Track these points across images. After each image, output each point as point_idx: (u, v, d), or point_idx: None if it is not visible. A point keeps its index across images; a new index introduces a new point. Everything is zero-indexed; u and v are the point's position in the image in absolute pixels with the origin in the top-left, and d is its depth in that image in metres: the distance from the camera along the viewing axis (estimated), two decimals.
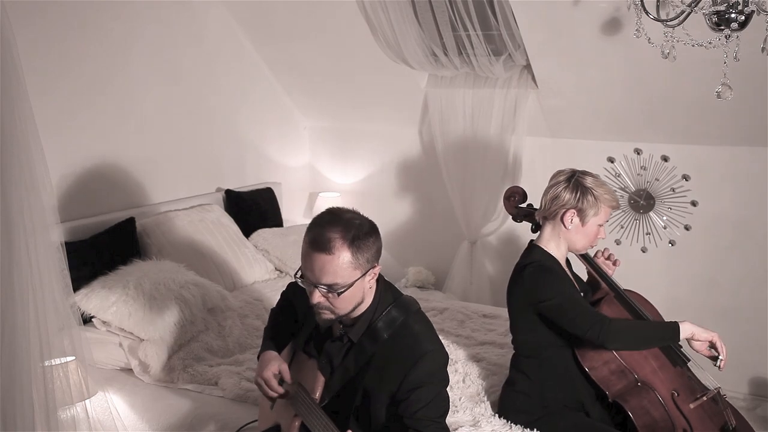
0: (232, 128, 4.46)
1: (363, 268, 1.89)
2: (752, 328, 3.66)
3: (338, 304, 1.90)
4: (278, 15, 4.23)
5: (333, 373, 2.01)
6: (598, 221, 2.43)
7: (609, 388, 2.36)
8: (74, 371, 2.40)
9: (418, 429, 1.87)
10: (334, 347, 2.02)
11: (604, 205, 2.42)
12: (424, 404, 1.88)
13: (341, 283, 1.86)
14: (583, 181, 2.42)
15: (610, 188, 2.47)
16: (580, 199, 2.40)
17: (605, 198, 2.41)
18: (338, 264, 1.84)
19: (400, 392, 1.90)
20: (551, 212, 2.45)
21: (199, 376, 2.93)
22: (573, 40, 3.50)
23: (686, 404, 2.34)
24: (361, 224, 1.91)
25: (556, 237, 2.47)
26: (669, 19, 2.33)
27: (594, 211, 2.41)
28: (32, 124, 2.03)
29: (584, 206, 2.40)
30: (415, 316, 2.01)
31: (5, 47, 1.94)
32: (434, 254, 4.64)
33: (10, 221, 1.96)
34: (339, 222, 1.88)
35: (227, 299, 3.36)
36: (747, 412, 2.60)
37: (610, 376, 2.35)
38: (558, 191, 2.44)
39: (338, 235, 1.85)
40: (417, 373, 1.89)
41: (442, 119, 4.32)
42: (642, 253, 3.99)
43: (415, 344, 1.93)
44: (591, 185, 2.41)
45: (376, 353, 1.95)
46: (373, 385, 1.94)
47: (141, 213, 3.70)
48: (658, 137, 3.81)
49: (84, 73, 3.54)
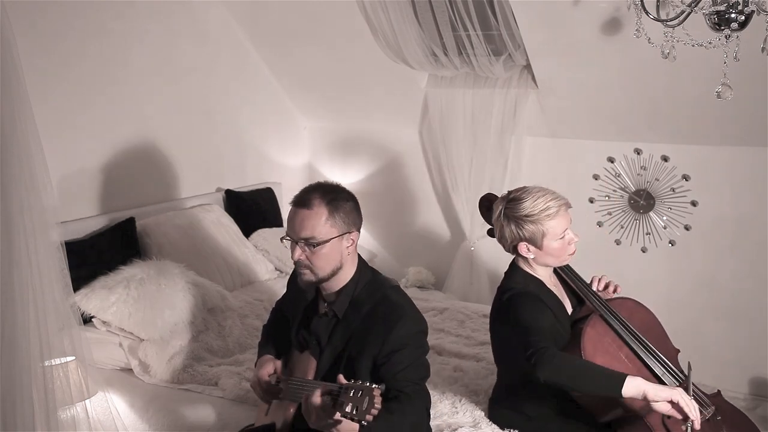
0: (232, 128, 4.46)
1: (339, 228, 2.06)
2: (752, 328, 3.66)
3: (316, 261, 2.05)
4: (278, 15, 4.23)
5: (322, 353, 2.12)
6: (555, 236, 2.29)
7: (597, 415, 2.28)
8: (74, 371, 2.41)
9: (400, 390, 1.95)
10: (320, 324, 2.14)
11: (547, 221, 2.26)
12: (404, 366, 1.99)
13: (318, 237, 2.03)
14: (513, 213, 2.29)
15: (548, 196, 2.29)
16: (520, 232, 2.29)
17: (545, 215, 2.26)
18: (316, 219, 2.04)
19: (380, 355, 2.00)
20: (509, 248, 2.38)
21: (199, 376, 2.93)
22: (573, 40, 3.50)
23: (678, 427, 2.15)
24: (341, 191, 2.12)
25: (529, 264, 2.38)
26: (669, 19, 2.33)
27: (540, 233, 2.27)
28: (32, 124, 2.03)
29: (529, 235, 2.28)
30: (393, 289, 2.16)
31: (5, 47, 1.94)
32: (434, 254, 4.64)
33: (10, 221, 1.97)
34: (320, 187, 2.11)
35: (227, 299, 3.36)
36: (747, 412, 2.58)
37: (598, 404, 2.26)
38: (500, 231, 2.35)
39: (318, 195, 2.07)
40: (396, 335, 2.00)
41: (442, 119, 4.32)
42: (642, 253, 3.99)
43: (393, 310, 2.07)
44: (522, 212, 2.27)
45: (359, 325, 2.07)
46: (356, 351, 2.05)
47: (141, 213, 3.70)
48: (658, 137, 3.81)
49: (84, 73, 3.54)
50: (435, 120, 4.35)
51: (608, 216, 4.02)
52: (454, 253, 4.46)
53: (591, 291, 2.44)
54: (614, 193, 4.01)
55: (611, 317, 2.35)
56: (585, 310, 2.43)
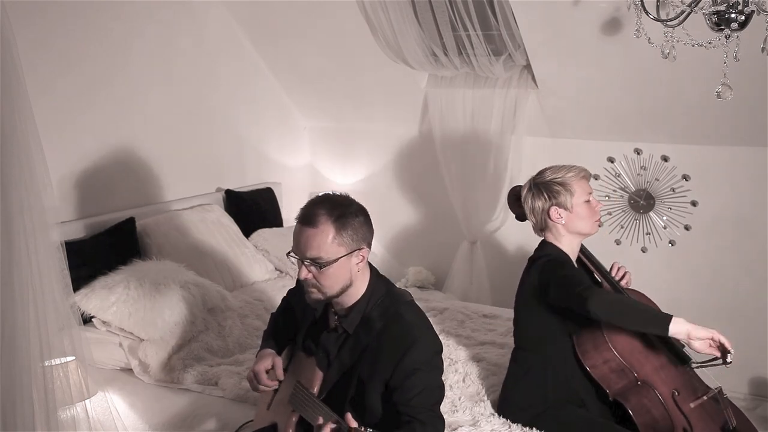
0: (232, 128, 4.46)
1: (348, 246, 1.95)
2: (752, 328, 3.65)
3: (324, 281, 1.95)
4: (278, 15, 4.23)
5: (330, 366, 2.04)
6: (581, 198, 2.47)
7: (609, 387, 2.36)
8: (74, 371, 2.40)
9: (413, 416, 1.89)
10: (330, 339, 2.06)
11: (573, 182, 2.47)
12: (418, 392, 1.90)
13: (325, 257, 1.92)
14: (540, 180, 2.51)
15: (570, 166, 2.52)
16: (549, 196, 2.47)
17: (569, 177, 2.47)
18: (322, 238, 1.92)
19: (393, 380, 1.92)
20: (541, 222, 2.53)
21: (199, 376, 2.93)
22: (573, 40, 3.50)
23: (687, 403, 2.33)
24: (350, 205, 1.99)
25: (560, 235, 2.51)
26: (669, 19, 2.33)
27: (568, 194, 2.46)
28: (32, 124, 2.03)
29: (558, 198, 2.46)
30: (407, 306, 2.05)
31: (5, 47, 1.94)
32: (434, 254, 4.64)
33: (10, 221, 1.97)
34: (328, 200, 1.98)
35: (227, 299, 3.36)
36: (747, 412, 2.59)
37: (610, 374, 2.35)
38: (531, 204, 2.52)
39: (324, 211, 1.94)
40: (409, 359, 1.92)
41: (442, 119, 4.32)
42: (642, 253, 3.99)
43: (407, 332, 1.97)
44: (548, 177, 2.49)
45: (370, 344, 1.99)
46: (368, 374, 1.97)
47: (141, 213, 3.70)
48: (658, 137, 3.81)
49: (84, 73, 3.54)
50: (435, 120, 4.35)
51: (608, 216, 4.02)
52: (454, 253, 4.46)
53: (610, 275, 2.58)
54: (614, 193, 4.01)
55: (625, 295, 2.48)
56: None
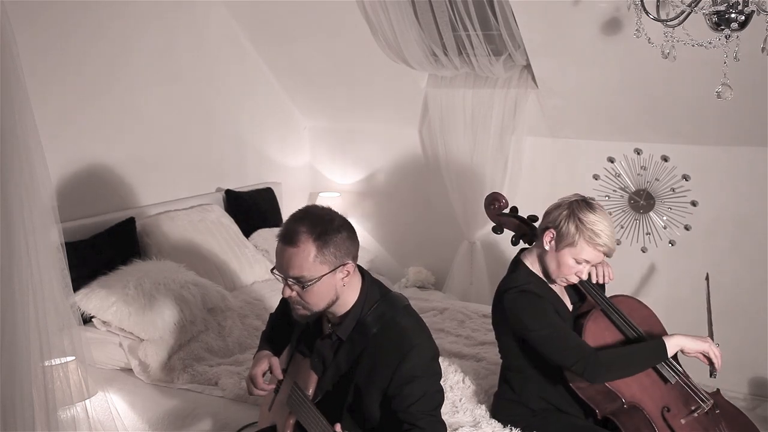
0: (232, 128, 4.46)
1: (330, 263, 1.89)
2: (752, 328, 3.66)
3: (308, 298, 1.91)
4: (278, 15, 4.23)
5: (326, 370, 2.03)
6: (573, 254, 2.27)
7: (598, 407, 2.31)
8: (74, 371, 2.40)
9: (413, 423, 1.88)
10: (324, 345, 2.04)
11: (584, 240, 2.24)
12: (417, 398, 1.89)
13: (307, 276, 1.88)
14: (579, 208, 2.27)
15: (610, 232, 2.25)
16: (563, 222, 2.27)
17: (589, 235, 2.23)
18: (303, 257, 1.87)
19: (391, 388, 1.91)
20: (540, 227, 2.38)
21: (199, 376, 2.93)
22: (573, 40, 3.51)
23: (677, 419, 2.27)
24: (331, 220, 1.92)
25: (538, 256, 2.39)
26: (669, 19, 2.33)
27: (570, 241, 2.25)
28: (32, 124, 2.03)
29: (563, 231, 2.26)
30: (403, 311, 2.02)
31: (5, 47, 1.94)
32: (434, 254, 4.64)
33: (10, 221, 1.96)
34: (308, 217, 1.91)
35: (227, 299, 3.36)
36: (747, 412, 2.58)
37: (596, 396, 2.30)
38: (554, 207, 2.34)
39: (305, 228, 1.88)
40: (406, 367, 1.90)
41: (442, 119, 4.32)
42: (642, 253, 3.99)
43: (402, 339, 1.94)
44: (583, 215, 2.24)
45: (366, 349, 1.97)
46: (364, 381, 1.96)
47: (141, 213, 3.70)
48: (658, 137, 3.81)
49: (84, 73, 3.54)
50: (435, 120, 4.36)
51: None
52: (454, 253, 4.46)
53: (592, 286, 2.45)
54: (614, 193, 4.01)
55: (612, 312, 2.39)
56: (587, 306, 2.46)
